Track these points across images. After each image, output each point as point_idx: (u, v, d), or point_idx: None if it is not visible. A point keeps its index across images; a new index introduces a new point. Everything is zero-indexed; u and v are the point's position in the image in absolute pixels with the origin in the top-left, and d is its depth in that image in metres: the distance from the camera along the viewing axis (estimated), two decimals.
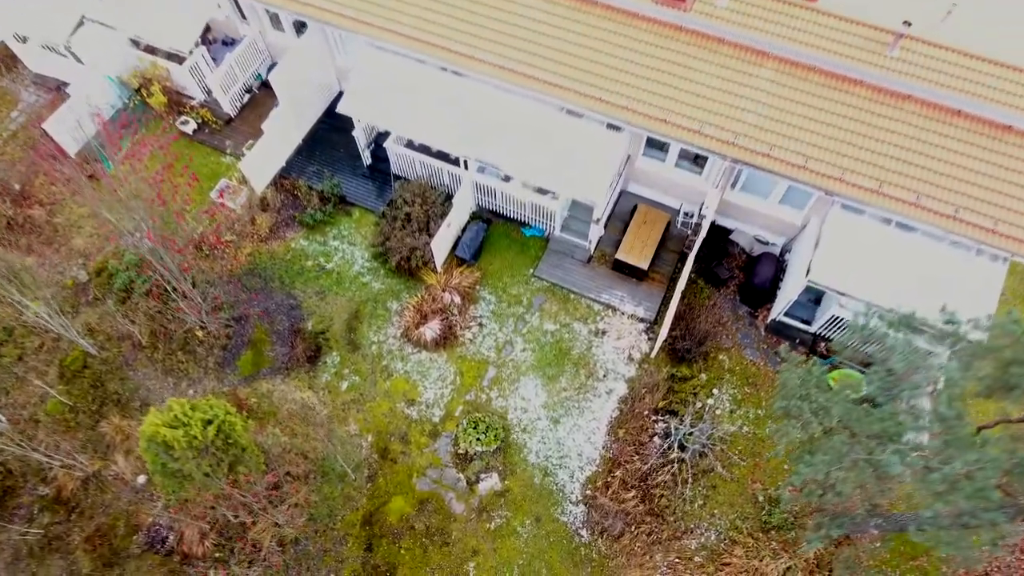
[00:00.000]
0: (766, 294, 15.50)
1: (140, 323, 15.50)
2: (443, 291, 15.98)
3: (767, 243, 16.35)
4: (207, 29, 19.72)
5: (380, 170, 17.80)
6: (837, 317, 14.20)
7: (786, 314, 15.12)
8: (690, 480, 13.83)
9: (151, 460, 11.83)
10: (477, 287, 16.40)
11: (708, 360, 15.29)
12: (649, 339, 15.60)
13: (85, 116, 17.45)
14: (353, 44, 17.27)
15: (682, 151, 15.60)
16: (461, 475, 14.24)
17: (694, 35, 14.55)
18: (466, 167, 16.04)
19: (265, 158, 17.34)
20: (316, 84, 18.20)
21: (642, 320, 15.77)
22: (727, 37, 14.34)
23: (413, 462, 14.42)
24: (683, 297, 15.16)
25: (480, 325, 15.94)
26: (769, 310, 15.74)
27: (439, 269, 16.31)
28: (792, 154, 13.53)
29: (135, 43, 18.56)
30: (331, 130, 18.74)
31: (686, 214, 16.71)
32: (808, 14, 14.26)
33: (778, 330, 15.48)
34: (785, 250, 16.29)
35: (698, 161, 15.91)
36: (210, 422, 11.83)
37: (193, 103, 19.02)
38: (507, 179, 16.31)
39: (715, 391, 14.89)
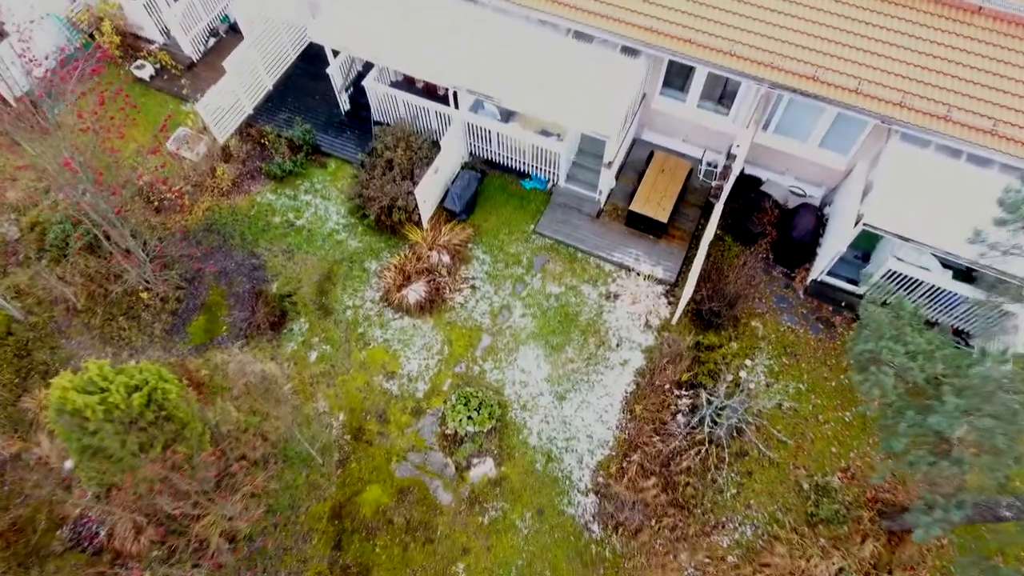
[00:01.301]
0: (805, 251, 13.33)
1: (76, 284, 13.26)
2: (430, 250, 13.78)
3: (804, 195, 14.20)
4: None
5: (360, 117, 15.64)
6: (893, 273, 12.01)
7: (829, 273, 12.94)
8: (724, 465, 11.61)
9: (63, 435, 9.59)
10: (469, 245, 14.21)
11: (739, 327, 13.09)
12: (669, 303, 13.40)
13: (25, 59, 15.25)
14: None
15: (705, 88, 13.47)
16: (449, 460, 12.01)
17: None
18: (457, 105, 13.87)
19: (228, 101, 15.15)
20: (288, 20, 16.01)
21: (661, 282, 13.59)
22: None
23: (392, 444, 12.18)
24: (708, 255, 12.99)
25: (473, 288, 13.74)
26: (808, 270, 13.58)
27: (425, 224, 14.12)
28: (843, 77, 11.40)
29: None
30: (306, 76, 16.59)
31: (709, 164, 14.56)
32: None
33: (819, 292, 13.30)
34: (824, 203, 14.14)
35: (724, 100, 13.79)
36: (138, 388, 9.61)
37: (151, 48, 16.85)
38: (505, 119, 14.16)
39: (748, 362, 12.69)
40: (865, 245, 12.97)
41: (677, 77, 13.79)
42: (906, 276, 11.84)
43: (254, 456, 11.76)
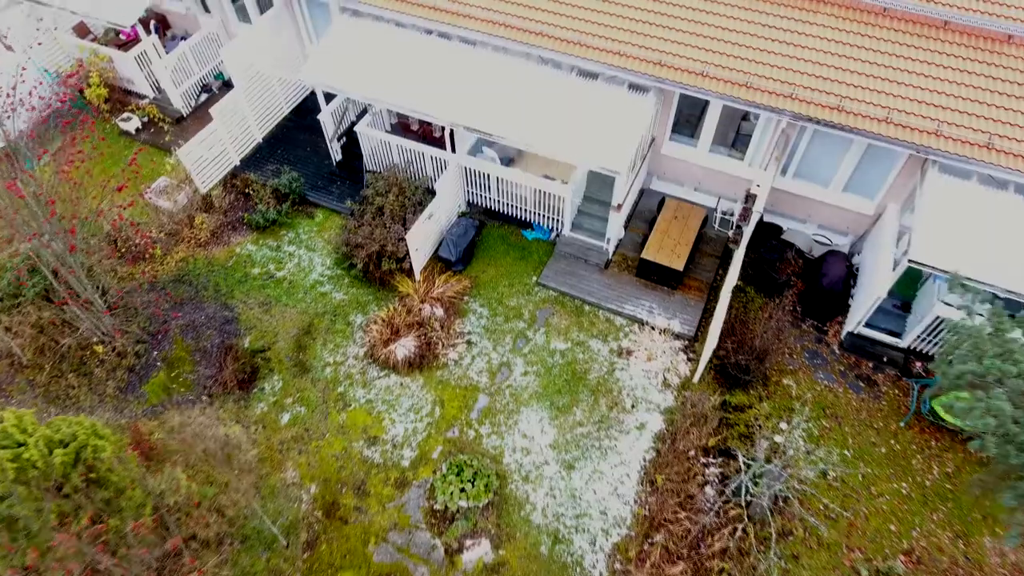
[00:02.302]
0: (836, 301, 12.03)
1: (24, 336, 11.83)
2: (422, 302, 12.48)
3: (829, 244, 13.08)
4: (165, 24, 17.45)
5: (352, 168, 14.80)
6: (941, 321, 10.66)
7: (866, 325, 11.59)
8: (765, 547, 9.73)
9: None
10: (465, 298, 12.92)
11: (769, 385, 11.56)
12: (689, 359, 11.95)
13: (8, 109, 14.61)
14: (326, 24, 14.81)
15: (718, 132, 12.67)
16: (437, 541, 10.13)
17: None
18: (454, 149, 13.03)
19: (213, 150, 14.36)
20: (283, 77, 15.53)
21: (678, 336, 12.19)
22: None
23: (371, 522, 10.32)
24: (730, 307, 11.67)
25: (468, 343, 12.31)
26: (841, 323, 12.22)
27: (417, 274, 12.90)
28: (870, 107, 10.57)
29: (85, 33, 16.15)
30: (299, 129, 15.98)
31: (725, 212, 13.55)
32: None
33: (856, 347, 11.87)
34: (852, 253, 12.99)
35: (737, 145, 12.97)
36: (63, 444, 8.03)
37: (141, 103, 16.31)
38: (507, 162, 13.29)
39: (783, 424, 11.06)
40: (904, 292, 11.71)
41: (687, 121, 13.06)
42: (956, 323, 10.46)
43: (207, 535, 9.88)
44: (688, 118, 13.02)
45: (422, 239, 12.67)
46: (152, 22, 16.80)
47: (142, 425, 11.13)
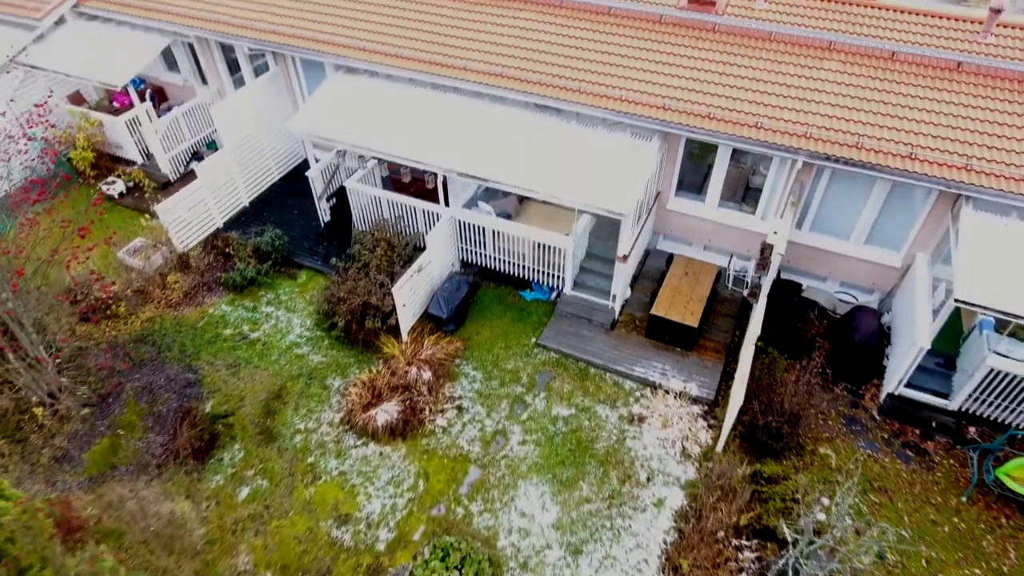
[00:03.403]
0: (871, 357, 10.77)
1: None
2: (408, 364, 11.21)
3: (855, 301, 12.01)
4: (162, 96, 17.40)
5: (340, 228, 14.01)
6: (996, 375, 9.38)
7: (908, 385, 10.27)
8: None
9: None
10: (457, 360, 11.65)
11: (804, 454, 10.05)
12: (710, 426, 10.50)
13: None
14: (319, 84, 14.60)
15: (727, 186, 12.01)
16: None
17: (735, 34, 11.82)
18: (447, 202, 12.29)
19: (195, 210, 13.64)
20: (272, 140, 15.17)
21: (696, 400, 10.82)
22: (779, 32, 11.59)
23: None
24: (752, 370, 10.41)
25: (459, 409, 10.90)
26: (878, 386, 10.89)
27: (404, 333, 11.71)
28: (891, 144, 9.91)
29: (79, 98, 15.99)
30: (288, 193, 15.39)
31: (738, 271, 12.60)
32: (868, 10, 11.69)
33: (898, 411, 10.47)
34: (881, 312, 11.89)
35: (748, 199, 12.27)
36: None
37: (128, 169, 15.84)
38: (505, 215, 12.50)
39: (825, 499, 9.43)
40: (946, 348, 10.49)
41: (693, 175, 12.42)
42: (1014, 376, 9.20)
43: None
44: (694, 172, 12.38)
45: (410, 294, 11.61)
46: (148, 91, 16.72)
47: (75, 499, 9.49)
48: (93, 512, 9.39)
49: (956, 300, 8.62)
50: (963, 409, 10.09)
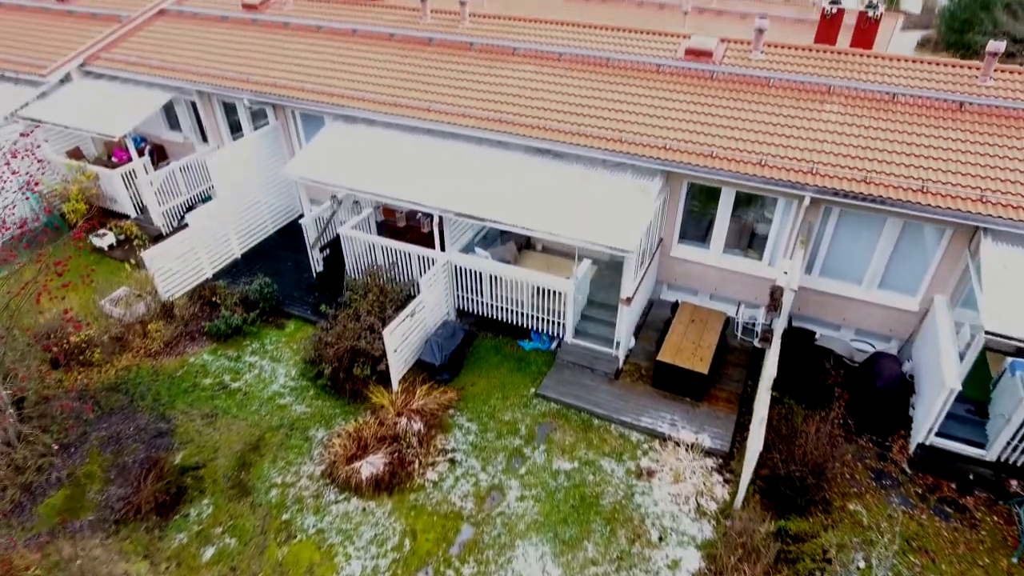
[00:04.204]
0: (895, 403, 10.01)
1: None
2: (398, 415, 10.43)
3: (872, 349, 11.36)
4: (162, 155, 17.44)
5: (333, 279, 13.54)
6: None
7: (939, 434, 9.46)
8: None
9: None
10: (451, 411, 10.86)
11: (832, 511, 9.09)
12: (727, 481, 9.59)
13: None
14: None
15: (731, 232, 11.67)
16: None
17: (734, 81, 11.85)
18: (443, 247, 11.89)
19: (184, 259, 13.25)
20: (269, 194, 15.01)
21: (710, 453, 9.96)
22: (777, 78, 11.61)
23: None
24: (769, 420, 9.64)
25: (452, 462, 10.02)
26: (906, 437, 10.07)
27: (395, 381, 10.99)
28: (901, 178, 9.63)
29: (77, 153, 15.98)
30: (281, 247, 15.06)
31: (748, 322, 12.02)
32: (864, 59, 11.79)
33: (930, 464, 9.59)
34: (901, 360, 11.21)
35: (754, 245, 11.90)
36: None
37: (121, 223, 15.59)
38: (502, 259, 12.07)
39: (860, 560, 8.42)
40: (976, 393, 9.75)
41: (697, 225, 12.09)
42: None
43: None
44: (697, 220, 12.07)
45: (402, 339, 10.98)
46: (148, 147, 16.75)
47: (19, 556, 8.46)
48: (37, 573, 8.35)
49: (987, 332, 8.01)
50: (1002, 459, 9.23)
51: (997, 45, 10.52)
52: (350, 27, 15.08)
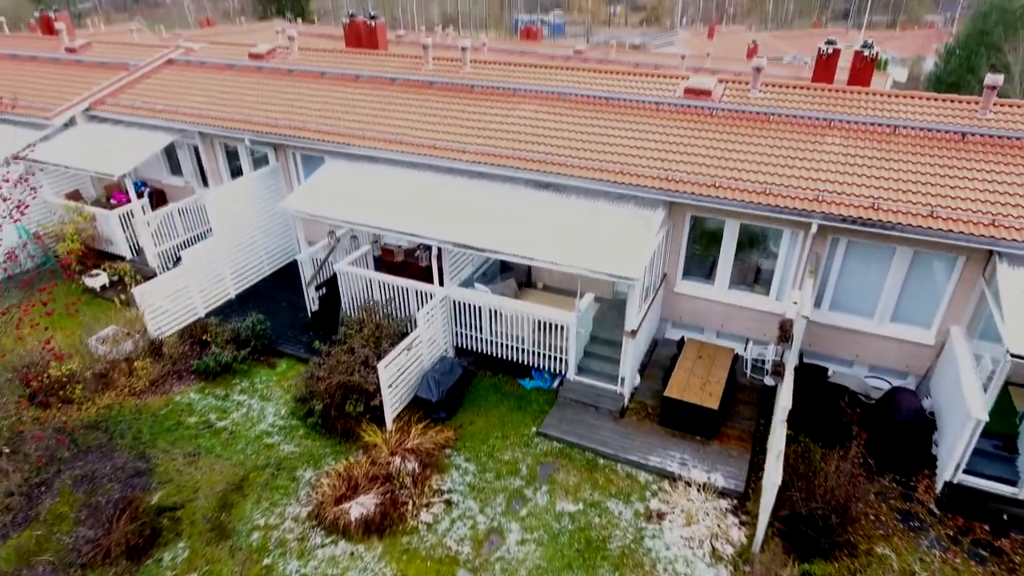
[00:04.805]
0: (918, 441, 9.46)
1: None
2: (392, 454, 9.86)
3: (889, 386, 10.88)
4: (162, 199, 17.41)
5: (328, 318, 13.18)
6: None
7: (967, 471, 8.88)
8: None
9: None
10: (447, 450, 10.28)
11: (858, 555, 8.40)
12: (743, 523, 8.93)
13: None
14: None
15: (737, 269, 11.42)
16: None
17: (734, 117, 11.88)
18: (441, 281, 11.59)
19: (177, 296, 12.95)
20: (266, 234, 14.86)
21: (723, 494, 9.33)
22: (777, 113, 11.64)
23: None
24: (786, 459, 9.08)
25: (448, 503, 9.37)
26: (931, 476, 9.46)
27: (389, 419, 10.45)
28: (910, 204, 9.45)
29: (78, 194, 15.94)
30: (277, 288, 14.77)
31: (757, 359, 11.60)
32: (861, 96, 11.86)
33: (959, 504, 8.95)
34: (919, 397, 10.71)
35: (760, 279, 11.62)
36: None
37: (116, 264, 15.37)
38: (502, 295, 11.74)
39: None
40: (1002, 428, 9.23)
41: (701, 262, 11.85)
42: None
43: None
44: (701, 256, 11.83)
45: (397, 374, 10.52)
46: (148, 191, 16.74)
47: None
48: None
49: (1012, 355, 7.60)
50: None
51: (995, 78, 10.58)
52: (353, 73, 15.32)
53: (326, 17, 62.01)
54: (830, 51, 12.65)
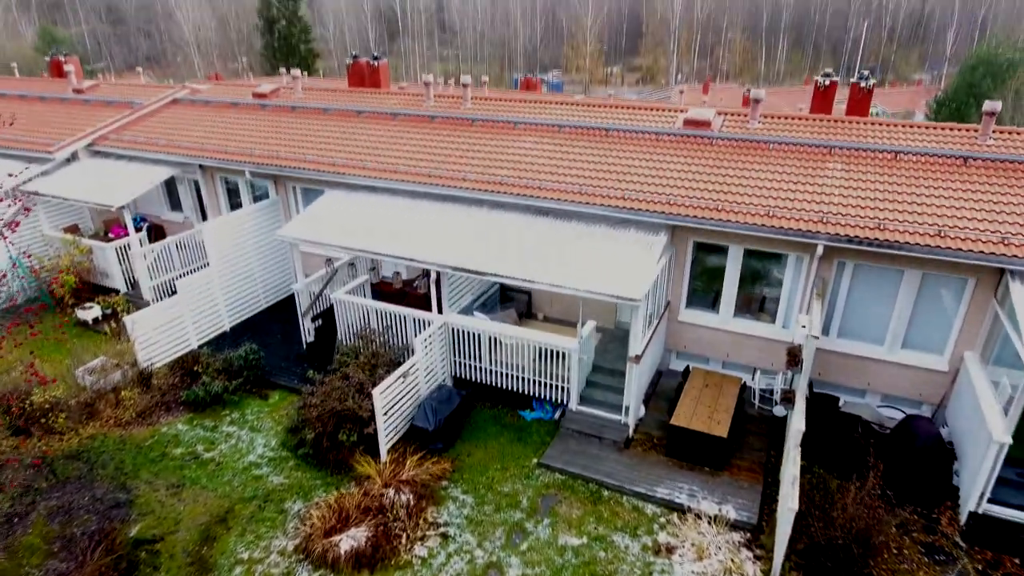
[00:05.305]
0: (938, 467, 9.00)
1: None
2: (386, 486, 9.39)
3: (903, 416, 10.47)
4: (161, 234, 17.34)
5: (323, 349, 12.87)
6: None
7: (992, 500, 8.41)
8: None
9: None
10: (444, 482, 9.79)
11: None
12: (758, 557, 8.39)
13: None
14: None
15: (741, 298, 11.21)
16: None
17: (734, 145, 11.90)
18: (439, 308, 11.34)
19: (170, 327, 12.68)
20: (264, 269, 14.69)
21: (736, 527, 8.81)
22: (777, 141, 11.66)
23: None
24: (801, 487, 8.63)
25: (444, 537, 8.84)
26: (953, 508, 8.96)
27: (383, 450, 10.01)
28: (916, 225, 9.31)
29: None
30: (273, 320, 14.51)
31: (765, 390, 11.24)
32: (860, 126, 11.92)
33: (986, 535, 8.44)
34: (936, 425, 10.30)
35: (765, 307, 11.38)
36: None
37: (110, 298, 15.14)
38: (498, 319, 11.46)
39: None
40: None
41: (705, 291, 11.64)
42: None
43: None
44: (705, 286, 11.63)
45: (393, 401, 10.13)
46: (147, 225, 16.67)
47: None
48: None
49: None
50: None
51: (994, 105, 10.63)
52: (355, 109, 15.50)
53: (331, 74, 63.94)
54: (827, 83, 12.81)
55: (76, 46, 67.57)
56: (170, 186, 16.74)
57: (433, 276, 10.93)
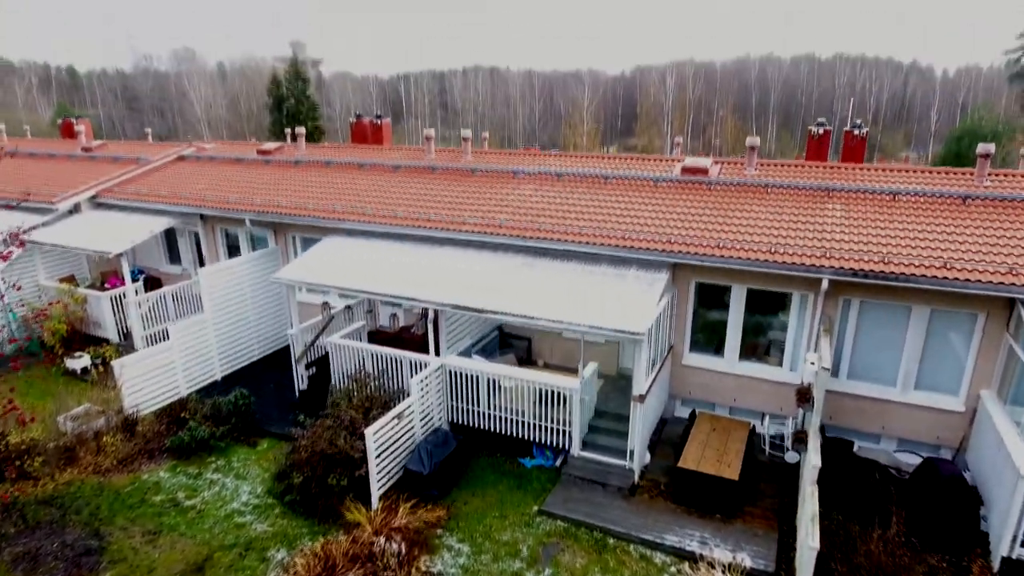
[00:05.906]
0: (964, 512, 8.45)
1: None
2: (376, 534, 8.82)
3: (920, 460, 9.97)
4: (157, 284, 17.22)
5: (316, 396, 12.44)
6: None
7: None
8: None
9: None
10: (439, 530, 9.20)
11: None
12: None
13: None
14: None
15: (745, 342, 10.98)
16: None
17: (731, 189, 11.98)
18: (437, 350, 11.05)
19: (160, 373, 12.34)
20: (259, 319, 14.48)
21: (752, 574, 8.19)
22: (776, 184, 11.75)
23: None
24: (821, 531, 8.10)
25: None
26: (985, 555, 8.36)
27: (375, 496, 9.47)
28: (922, 258, 9.20)
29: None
30: (266, 370, 14.16)
31: (775, 436, 10.79)
32: (867, 172, 12.06)
33: None
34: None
35: (771, 350, 11.12)
36: None
37: (100, 349, 14.84)
38: (501, 350, 11.14)
39: None
40: None
41: (708, 335, 11.42)
42: None
43: None
44: (708, 330, 11.41)
45: (386, 443, 9.67)
46: (144, 277, 16.57)
47: None
48: None
49: None
50: None
51: (987, 147, 10.78)
52: (357, 162, 15.75)
53: (335, 139, 66.04)
54: (821, 132, 13.06)
55: (92, 124, 69.97)
56: (170, 238, 16.78)
57: (431, 316, 10.72)
